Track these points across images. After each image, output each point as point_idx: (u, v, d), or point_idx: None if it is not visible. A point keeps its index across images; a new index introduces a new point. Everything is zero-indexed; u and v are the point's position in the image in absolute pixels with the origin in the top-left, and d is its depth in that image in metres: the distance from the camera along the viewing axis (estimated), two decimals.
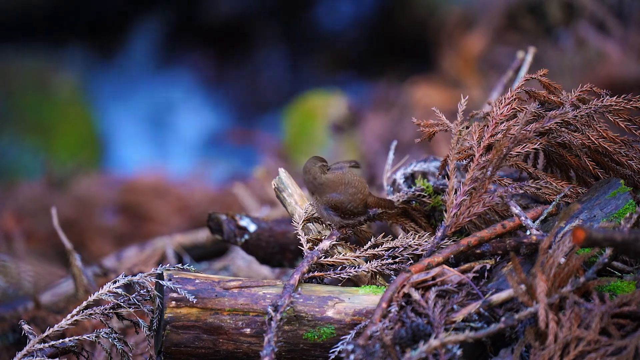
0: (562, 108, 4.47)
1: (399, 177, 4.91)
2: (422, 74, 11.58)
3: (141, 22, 14.47)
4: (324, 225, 4.55)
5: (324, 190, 4.40)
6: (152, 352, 4.23)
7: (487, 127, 4.49)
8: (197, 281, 4.17)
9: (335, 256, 4.37)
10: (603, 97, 4.48)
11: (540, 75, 4.56)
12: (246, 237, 5.41)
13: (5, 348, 5.70)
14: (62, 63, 14.11)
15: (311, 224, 4.57)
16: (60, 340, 4.25)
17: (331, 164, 4.51)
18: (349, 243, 4.48)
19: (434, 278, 4.17)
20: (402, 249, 4.37)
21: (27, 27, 14.08)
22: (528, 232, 4.32)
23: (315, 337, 4.13)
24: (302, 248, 4.39)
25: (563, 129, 4.48)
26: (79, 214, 9.90)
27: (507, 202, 4.40)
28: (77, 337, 4.26)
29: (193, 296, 4.11)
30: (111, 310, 4.28)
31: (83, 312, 4.28)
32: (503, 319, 3.94)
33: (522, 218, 4.34)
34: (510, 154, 4.42)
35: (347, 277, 4.31)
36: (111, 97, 14.30)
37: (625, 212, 4.27)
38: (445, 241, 4.35)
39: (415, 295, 4.10)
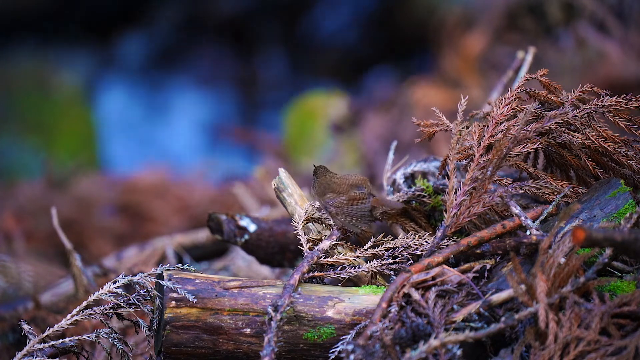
0: (562, 108, 4.47)
1: (399, 177, 4.91)
2: (422, 74, 11.58)
3: (142, 22, 14.47)
4: (324, 225, 4.55)
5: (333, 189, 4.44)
6: (152, 352, 4.23)
7: (487, 127, 4.49)
8: (197, 281, 4.17)
9: (335, 256, 4.37)
10: (603, 97, 4.48)
11: (540, 75, 4.56)
12: (246, 237, 5.41)
13: (5, 348, 5.70)
14: (62, 63, 14.11)
15: (311, 224, 4.58)
16: (60, 340, 4.25)
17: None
18: (349, 243, 4.48)
19: (434, 278, 4.17)
20: (402, 249, 4.37)
21: (28, 27, 14.08)
22: (528, 232, 4.32)
23: (315, 337, 4.13)
24: (302, 248, 4.39)
25: (563, 129, 4.48)
26: (79, 214, 9.90)
27: (507, 202, 4.40)
28: (77, 337, 4.26)
29: (193, 296, 4.11)
30: (111, 310, 4.28)
31: (83, 312, 4.28)
32: (503, 319, 3.94)
33: (522, 218, 4.34)
34: (510, 154, 4.42)
35: (347, 277, 4.31)
36: (111, 97, 14.30)
37: (625, 212, 4.27)
38: (445, 241, 4.35)
39: (415, 295, 4.10)
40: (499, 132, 4.47)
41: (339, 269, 4.32)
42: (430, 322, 4.01)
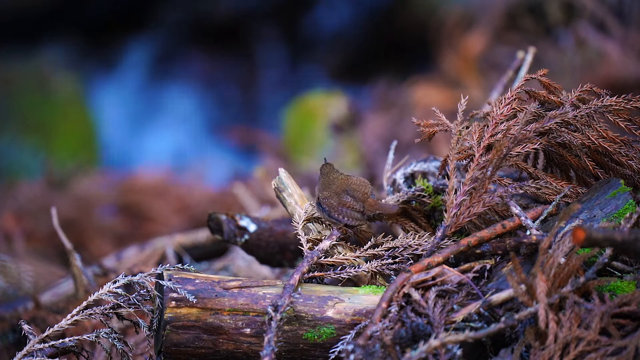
0: (562, 108, 4.47)
1: (399, 177, 4.91)
2: (422, 74, 11.59)
3: (141, 22, 14.47)
4: (324, 225, 4.55)
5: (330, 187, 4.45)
6: (152, 352, 4.23)
7: (487, 127, 4.49)
8: (197, 281, 4.17)
9: (335, 256, 4.37)
10: (603, 97, 4.48)
11: (540, 75, 4.56)
12: (246, 237, 5.41)
13: (5, 348, 5.70)
14: (62, 63, 14.11)
15: (311, 224, 4.58)
16: (60, 340, 4.25)
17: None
18: (349, 243, 4.48)
19: (434, 278, 4.17)
20: (402, 249, 4.37)
21: (28, 28, 14.09)
22: (528, 232, 4.32)
23: (315, 337, 4.13)
24: (302, 248, 4.39)
25: (563, 129, 4.48)
26: (79, 214, 9.90)
27: (507, 202, 4.40)
28: (77, 337, 4.26)
29: (193, 296, 4.11)
30: (111, 310, 4.28)
31: (83, 312, 4.28)
32: (503, 319, 3.94)
33: (522, 218, 4.34)
34: (510, 154, 4.42)
35: (347, 277, 4.31)
36: (111, 97, 14.30)
37: (625, 212, 4.27)
38: (445, 241, 4.35)
39: (415, 295, 4.10)
40: (499, 132, 4.47)
41: (339, 269, 4.32)
42: (430, 322, 4.01)
